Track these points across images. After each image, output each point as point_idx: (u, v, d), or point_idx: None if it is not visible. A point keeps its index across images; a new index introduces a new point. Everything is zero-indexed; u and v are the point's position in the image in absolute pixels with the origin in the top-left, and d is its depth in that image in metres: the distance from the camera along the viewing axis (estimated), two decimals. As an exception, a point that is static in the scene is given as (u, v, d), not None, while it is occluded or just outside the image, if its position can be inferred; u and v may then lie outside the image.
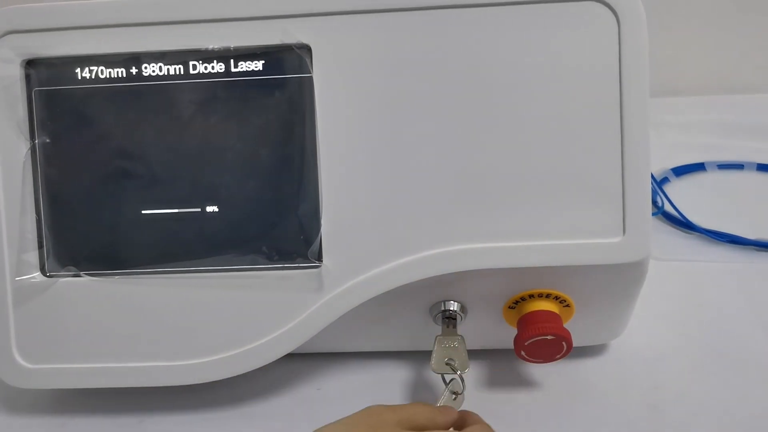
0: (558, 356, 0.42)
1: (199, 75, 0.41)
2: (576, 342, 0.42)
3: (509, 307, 0.43)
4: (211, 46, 0.41)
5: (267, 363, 0.42)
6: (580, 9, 0.39)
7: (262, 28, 0.41)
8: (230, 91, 0.41)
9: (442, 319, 0.43)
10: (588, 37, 0.39)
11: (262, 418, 0.44)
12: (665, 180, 0.70)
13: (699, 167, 0.72)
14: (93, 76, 0.42)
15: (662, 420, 0.42)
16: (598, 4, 0.39)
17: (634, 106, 0.39)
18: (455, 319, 0.43)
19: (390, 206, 0.41)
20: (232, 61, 0.41)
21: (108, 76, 0.42)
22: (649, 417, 0.43)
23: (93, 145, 0.42)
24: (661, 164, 0.71)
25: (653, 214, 0.64)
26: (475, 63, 0.40)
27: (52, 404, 0.46)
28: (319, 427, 0.37)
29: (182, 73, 0.41)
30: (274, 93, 0.41)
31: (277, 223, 0.42)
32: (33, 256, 0.42)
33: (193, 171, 0.42)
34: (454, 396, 0.42)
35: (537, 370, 0.46)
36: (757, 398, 0.43)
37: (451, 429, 0.39)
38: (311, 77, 0.41)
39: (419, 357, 0.47)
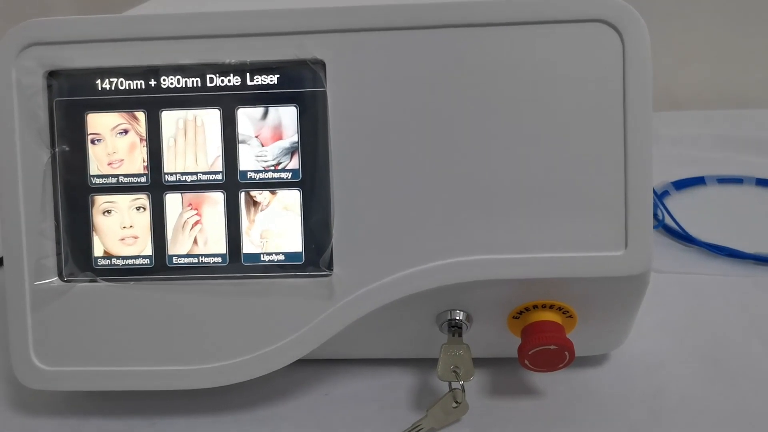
0: (561, 365, 0.43)
1: (216, 88, 0.43)
2: (578, 352, 0.43)
3: (514, 317, 0.44)
4: (228, 60, 0.42)
5: (278, 368, 0.43)
6: (585, 29, 0.41)
7: (278, 43, 0.42)
8: (246, 103, 0.42)
9: (448, 327, 0.44)
10: (593, 56, 0.41)
11: (271, 422, 0.45)
12: (665, 193, 0.71)
13: (699, 181, 0.73)
14: (113, 88, 0.43)
15: (662, 426, 0.43)
16: (603, 25, 0.40)
17: (637, 124, 0.40)
18: (461, 327, 0.44)
19: (400, 218, 0.42)
20: (248, 74, 0.42)
21: (127, 88, 0.43)
22: (650, 423, 0.44)
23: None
24: (662, 178, 0.72)
25: (654, 227, 0.65)
26: (483, 80, 0.41)
27: (67, 406, 0.47)
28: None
29: (200, 85, 0.43)
30: (289, 106, 0.42)
31: (288, 233, 0.43)
32: (51, 261, 0.43)
33: (208, 180, 0.43)
34: (455, 405, 0.43)
35: (540, 379, 0.47)
36: (753, 405, 0.45)
37: None
38: (325, 91, 0.42)
39: (425, 365, 0.48)
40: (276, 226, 0.43)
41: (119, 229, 0.44)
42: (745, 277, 0.58)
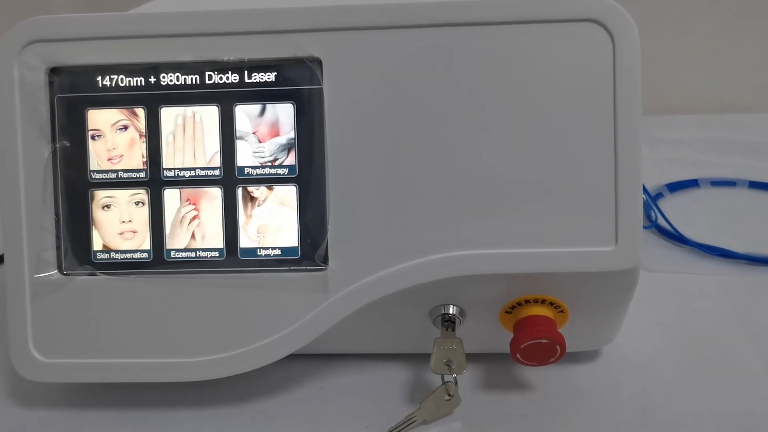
0: (552, 360, 0.44)
1: (215, 85, 0.43)
2: (570, 347, 0.44)
3: (506, 312, 0.45)
4: (226, 58, 0.43)
5: (273, 361, 0.44)
6: (576, 29, 0.41)
7: (275, 41, 0.43)
8: (244, 100, 0.43)
9: (442, 322, 0.45)
10: (584, 55, 0.41)
11: (265, 415, 0.46)
12: (659, 195, 0.72)
13: (693, 183, 0.74)
14: (113, 85, 0.44)
15: (651, 423, 0.44)
16: (594, 24, 0.41)
17: (627, 121, 0.41)
18: (454, 322, 0.45)
19: (394, 213, 0.42)
20: (246, 72, 0.43)
21: (127, 85, 0.44)
22: (638, 420, 0.44)
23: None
24: (656, 180, 0.73)
25: (647, 227, 0.66)
26: (476, 78, 0.42)
27: (65, 398, 0.48)
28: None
29: (198, 82, 0.43)
30: (286, 103, 0.43)
31: (285, 228, 0.44)
32: (51, 255, 0.44)
33: (206, 176, 0.44)
34: (448, 398, 0.44)
35: (532, 374, 0.48)
36: (742, 403, 0.45)
37: None
38: (321, 89, 0.43)
39: (419, 360, 0.48)
40: (272, 221, 0.44)
41: (118, 223, 0.44)
42: (736, 276, 0.59)
